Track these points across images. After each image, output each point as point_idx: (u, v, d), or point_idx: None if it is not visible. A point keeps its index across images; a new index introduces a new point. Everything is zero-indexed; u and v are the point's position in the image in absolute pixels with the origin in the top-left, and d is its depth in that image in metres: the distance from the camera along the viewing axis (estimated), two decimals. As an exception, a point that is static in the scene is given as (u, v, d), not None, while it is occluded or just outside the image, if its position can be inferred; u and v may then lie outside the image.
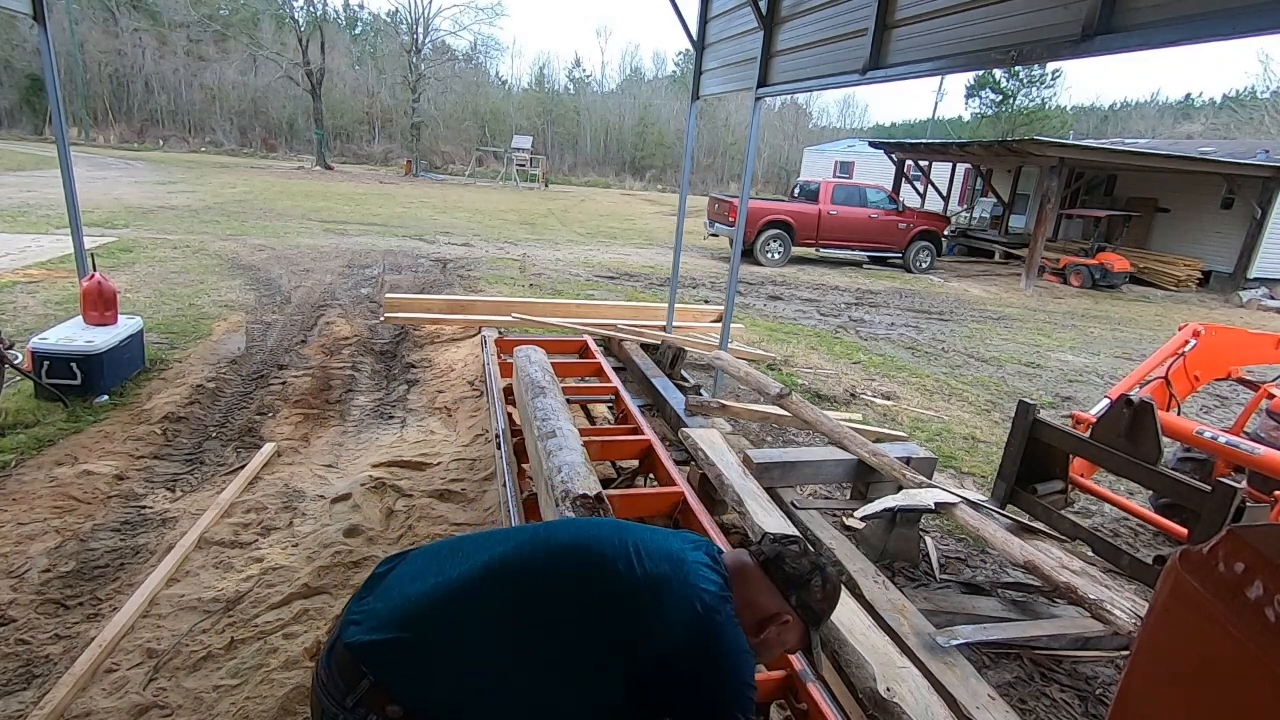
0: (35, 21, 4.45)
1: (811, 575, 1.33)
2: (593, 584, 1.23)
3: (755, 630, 1.30)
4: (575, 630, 1.18)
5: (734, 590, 1.30)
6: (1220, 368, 4.21)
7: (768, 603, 1.31)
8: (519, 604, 1.19)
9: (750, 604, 1.30)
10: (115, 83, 36.39)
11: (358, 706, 1.09)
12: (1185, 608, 0.62)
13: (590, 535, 1.34)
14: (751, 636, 1.29)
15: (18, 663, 2.35)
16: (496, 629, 1.16)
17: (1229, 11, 1.98)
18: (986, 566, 3.56)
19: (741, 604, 1.29)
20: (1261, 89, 41.12)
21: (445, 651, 1.13)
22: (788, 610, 1.31)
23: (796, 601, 1.31)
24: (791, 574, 1.32)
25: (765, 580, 1.33)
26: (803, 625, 1.32)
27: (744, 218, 5.42)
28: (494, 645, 1.15)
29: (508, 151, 33.10)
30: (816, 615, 1.34)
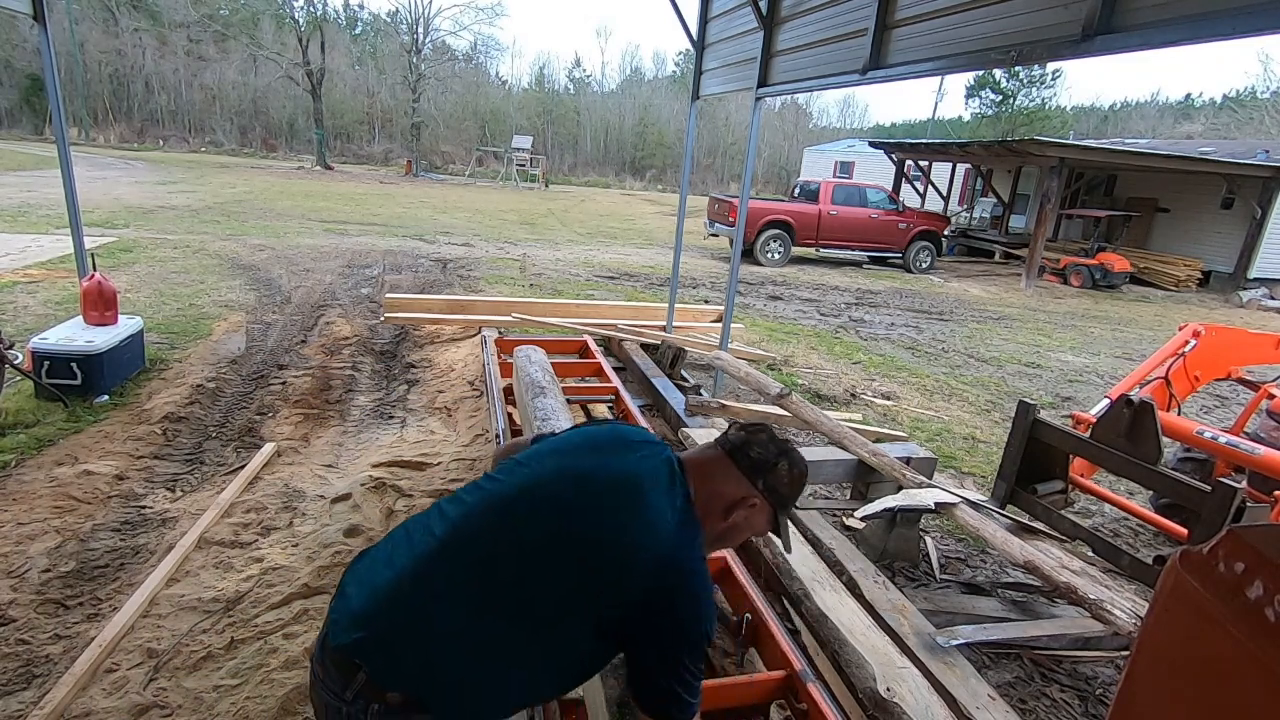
0: (35, 21, 4.45)
1: (778, 460, 1.33)
2: (548, 537, 1.21)
3: (723, 515, 1.31)
4: (536, 583, 1.18)
5: (698, 485, 1.31)
6: (1220, 368, 4.21)
7: (735, 489, 1.32)
8: (478, 568, 1.18)
9: (717, 493, 1.32)
10: (115, 83, 36.40)
11: (357, 699, 1.10)
12: (1185, 608, 0.62)
13: (540, 480, 1.30)
14: (719, 521, 1.31)
15: (18, 663, 2.35)
16: (460, 599, 1.15)
17: (1229, 11, 1.98)
18: (986, 566, 3.56)
19: (708, 495, 1.31)
20: (1261, 89, 41.18)
21: (418, 634, 1.14)
22: (755, 494, 1.32)
23: (764, 486, 1.32)
24: (758, 459, 1.32)
25: (732, 467, 1.33)
26: (770, 509, 1.34)
27: (744, 218, 5.42)
28: (460, 614, 1.15)
29: (508, 151, 33.11)
30: (784, 498, 1.34)
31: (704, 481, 1.32)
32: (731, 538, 1.37)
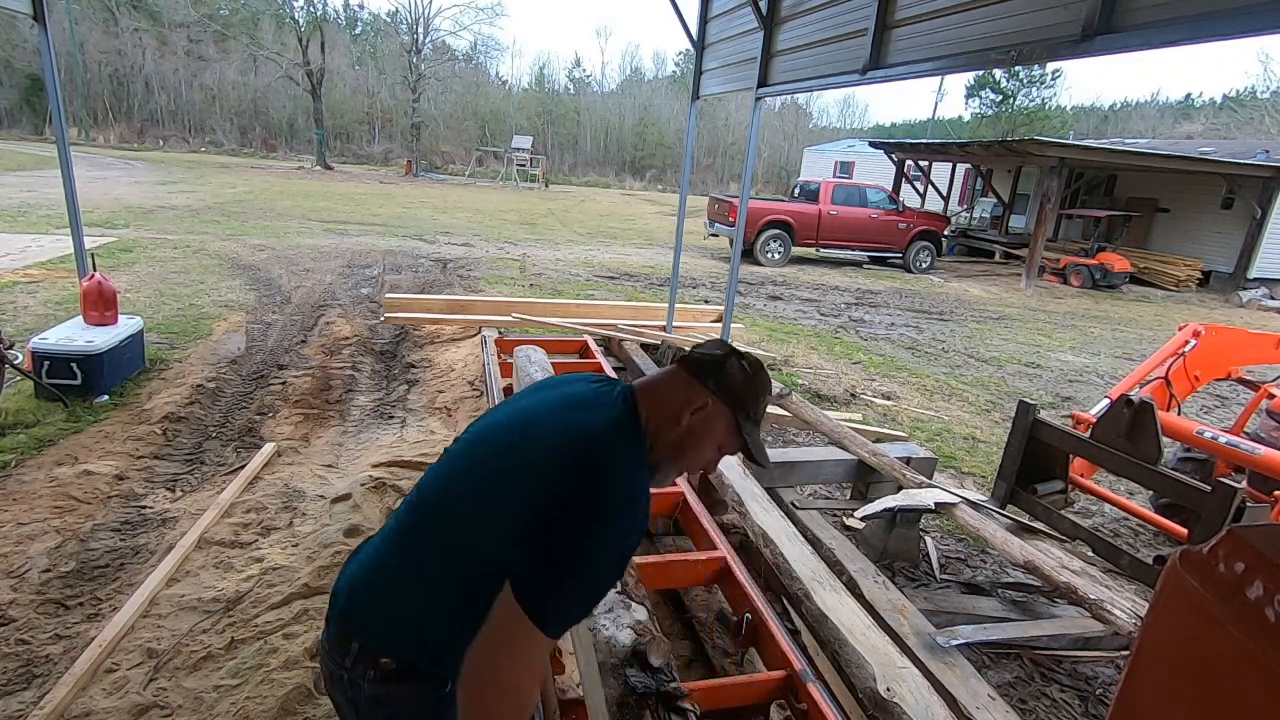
0: (35, 21, 4.45)
1: (727, 359, 1.23)
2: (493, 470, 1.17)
3: (674, 422, 1.20)
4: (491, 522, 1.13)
5: (648, 402, 1.21)
6: (1220, 368, 4.21)
7: (684, 394, 1.21)
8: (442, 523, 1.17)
9: (666, 401, 1.21)
10: (115, 83, 36.40)
11: (355, 666, 1.15)
12: (1185, 608, 0.62)
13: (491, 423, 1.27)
14: (672, 429, 1.20)
15: (18, 663, 2.35)
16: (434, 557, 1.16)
17: (1229, 11, 1.98)
18: (986, 566, 3.56)
19: (657, 407, 1.20)
20: (1261, 89, 41.20)
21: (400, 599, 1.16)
22: (705, 394, 1.20)
23: (714, 385, 1.21)
24: (705, 359, 1.24)
25: (681, 373, 1.24)
26: (726, 410, 1.21)
27: (744, 218, 5.42)
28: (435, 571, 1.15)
29: (508, 151, 33.11)
30: (738, 396, 1.21)
31: (654, 397, 1.22)
32: (691, 452, 1.22)
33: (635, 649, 1.58)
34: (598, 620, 1.69)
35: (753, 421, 1.24)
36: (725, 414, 1.21)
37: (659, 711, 1.45)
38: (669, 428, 1.20)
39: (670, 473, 1.26)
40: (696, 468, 1.27)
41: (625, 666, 1.54)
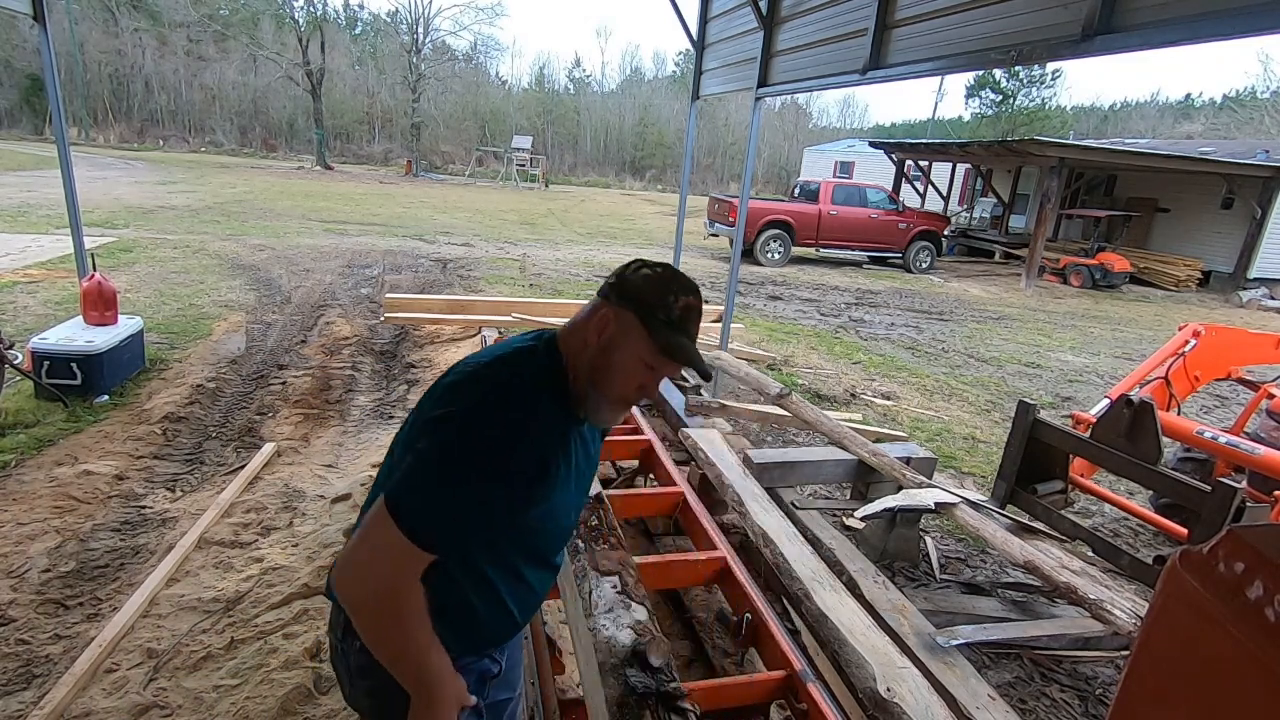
0: (35, 21, 4.45)
1: (628, 267, 1.16)
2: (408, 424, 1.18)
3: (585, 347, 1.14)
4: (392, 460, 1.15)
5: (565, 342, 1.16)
6: (1220, 368, 4.21)
7: (592, 317, 1.14)
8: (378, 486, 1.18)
9: (578, 333, 1.15)
10: (115, 83, 36.40)
11: (344, 636, 1.16)
12: (1185, 608, 0.62)
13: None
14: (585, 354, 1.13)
15: (18, 663, 2.35)
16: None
17: (1229, 11, 1.98)
18: (986, 566, 3.56)
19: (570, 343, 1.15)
20: (1261, 89, 41.21)
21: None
22: (607, 308, 1.12)
23: (615, 296, 1.12)
24: (611, 279, 1.16)
25: (593, 301, 1.18)
26: (631, 316, 1.11)
27: (744, 218, 5.42)
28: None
29: (508, 151, 33.11)
30: (640, 298, 1.11)
31: (570, 332, 1.17)
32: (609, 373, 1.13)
33: (635, 649, 1.58)
34: (598, 620, 1.69)
35: (667, 323, 1.11)
36: (631, 320, 1.11)
37: (659, 711, 1.45)
38: (582, 355, 1.14)
39: (599, 404, 1.15)
40: (626, 390, 1.14)
41: (625, 666, 1.54)
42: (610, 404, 1.16)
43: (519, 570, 1.19)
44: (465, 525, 1.04)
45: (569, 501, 1.21)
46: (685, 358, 1.13)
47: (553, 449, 1.10)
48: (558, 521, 1.20)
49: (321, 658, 2.43)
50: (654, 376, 1.15)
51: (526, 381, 1.10)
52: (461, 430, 1.03)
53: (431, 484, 1.02)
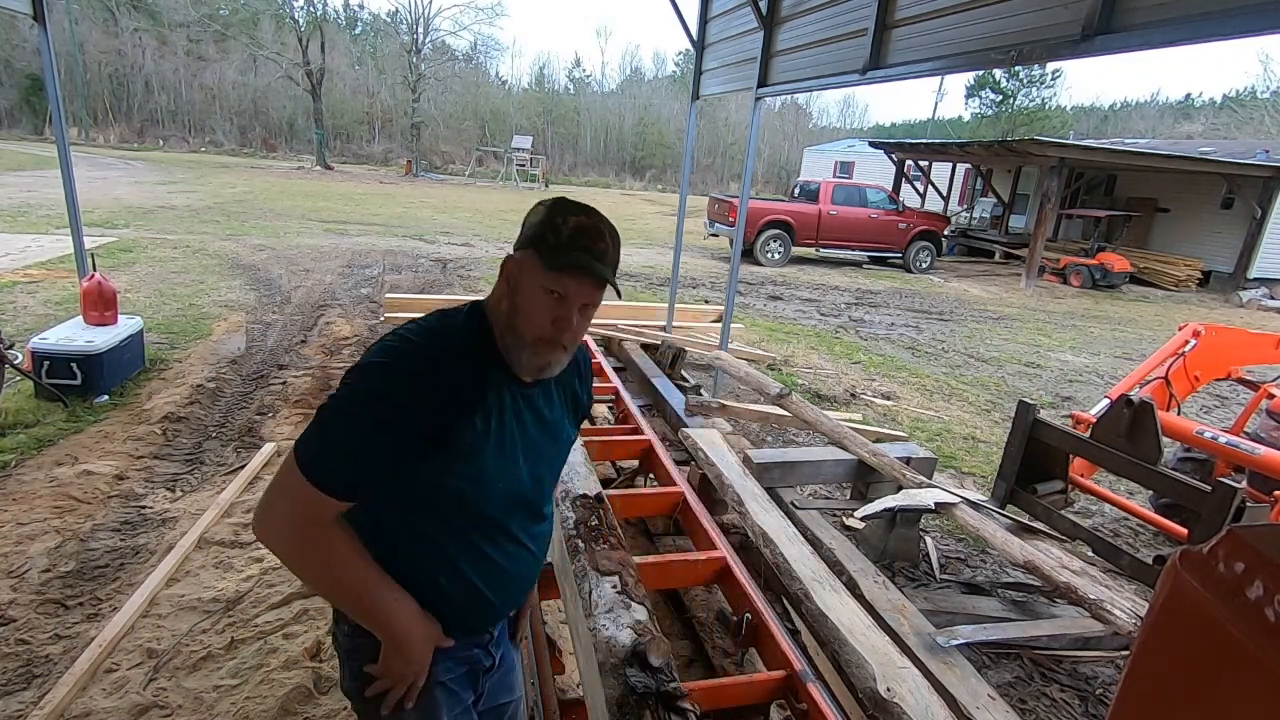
0: (35, 21, 4.45)
1: (534, 210, 1.16)
2: None
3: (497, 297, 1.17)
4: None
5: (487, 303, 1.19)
6: (1220, 368, 4.21)
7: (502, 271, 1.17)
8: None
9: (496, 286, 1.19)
10: (115, 83, 36.40)
11: (337, 622, 1.24)
12: (1185, 608, 0.62)
13: None
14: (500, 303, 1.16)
15: (18, 663, 2.35)
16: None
17: (1229, 11, 1.98)
18: (986, 566, 3.56)
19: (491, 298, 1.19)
20: (1261, 89, 41.23)
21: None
22: (511, 256, 1.15)
23: (516, 242, 1.16)
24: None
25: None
26: (530, 253, 1.12)
27: (744, 218, 5.42)
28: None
29: (508, 151, 33.11)
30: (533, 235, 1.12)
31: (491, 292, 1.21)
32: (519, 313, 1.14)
33: (635, 649, 1.58)
34: (598, 620, 1.69)
35: (557, 245, 1.10)
36: (528, 255, 1.12)
37: (659, 711, 1.45)
38: (495, 305, 1.17)
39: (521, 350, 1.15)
40: (540, 326, 1.13)
41: (625, 666, 1.54)
42: (530, 346, 1.14)
43: (477, 544, 1.18)
44: (359, 469, 1.05)
45: (511, 468, 1.17)
46: (586, 271, 1.11)
47: (461, 405, 1.09)
48: (495, 485, 1.16)
49: (321, 658, 2.43)
50: (564, 305, 1.12)
51: (433, 341, 1.11)
52: (355, 382, 1.07)
53: (326, 429, 1.05)
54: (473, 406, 1.11)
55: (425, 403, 1.06)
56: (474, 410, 1.11)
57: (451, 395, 1.09)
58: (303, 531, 1.07)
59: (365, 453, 1.05)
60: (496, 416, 1.14)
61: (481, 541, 1.19)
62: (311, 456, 1.04)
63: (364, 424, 1.05)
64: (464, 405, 1.10)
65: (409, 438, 1.06)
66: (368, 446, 1.05)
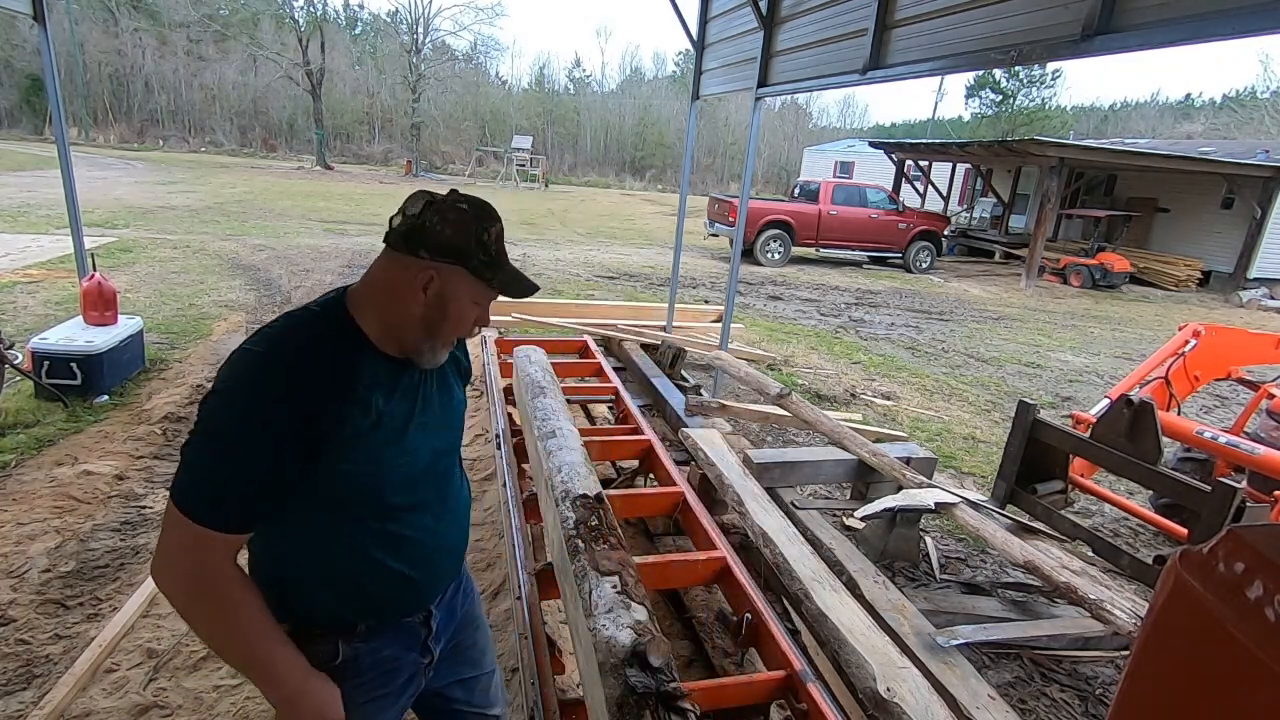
0: (35, 21, 4.45)
1: (424, 214, 1.10)
2: None
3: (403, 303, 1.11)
4: None
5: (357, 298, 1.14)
6: (1220, 368, 4.21)
7: (403, 274, 1.10)
8: None
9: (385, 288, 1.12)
10: (115, 83, 36.40)
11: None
12: (1185, 608, 0.62)
13: None
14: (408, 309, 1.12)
15: (18, 663, 2.35)
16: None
17: (1229, 11, 1.98)
18: (986, 566, 3.56)
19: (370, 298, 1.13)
20: (1261, 89, 41.22)
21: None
22: (426, 267, 1.09)
23: (427, 251, 1.09)
24: (405, 229, 1.10)
25: (393, 256, 1.12)
26: (457, 268, 1.10)
27: (744, 218, 5.42)
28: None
29: (508, 151, 33.10)
30: (457, 248, 1.09)
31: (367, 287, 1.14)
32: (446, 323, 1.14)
33: (635, 649, 1.58)
34: (597, 620, 1.69)
35: (488, 262, 1.12)
36: (458, 272, 1.11)
37: (659, 711, 1.45)
38: (406, 313, 1.11)
39: (435, 348, 1.16)
40: (464, 330, 1.17)
41: (625, 666, 1.54)
42: (446, 345, 1.18)
43: (387, 530, 1.16)
44: (243, 495, 1.01)
45: (406, 449, 1.15)
46: (518, 288, 1.16)
47: (333, 396, 1.05)
48: (394, 470, 1.13)
49: (321, 658, 2.43)
50: (485, 309, 1.18)
51: (286, 343, 1.06)
52: (214, 408, 1.02)
53: (200, 463, 1.01)
54: (345, 396, 1.06)
55: (294, 402, 1.01)
56: (347, 399, 1.06)
57: (320, 388, 1.04)
58: (197, 576, 1.02)
59: (245, 477, 1.01)
60: (377, 404, 1.10)
61: (391, 525, 1.16)
62: (193, 498, 1.00)
63: (232, 449, 1.00)
64: (336, 395, 1.05)
65: (286, 445, 1.01)
66: (245, 469, 1.00)
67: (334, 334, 1.10)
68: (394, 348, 1.14)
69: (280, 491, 1.04)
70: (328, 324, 1.11)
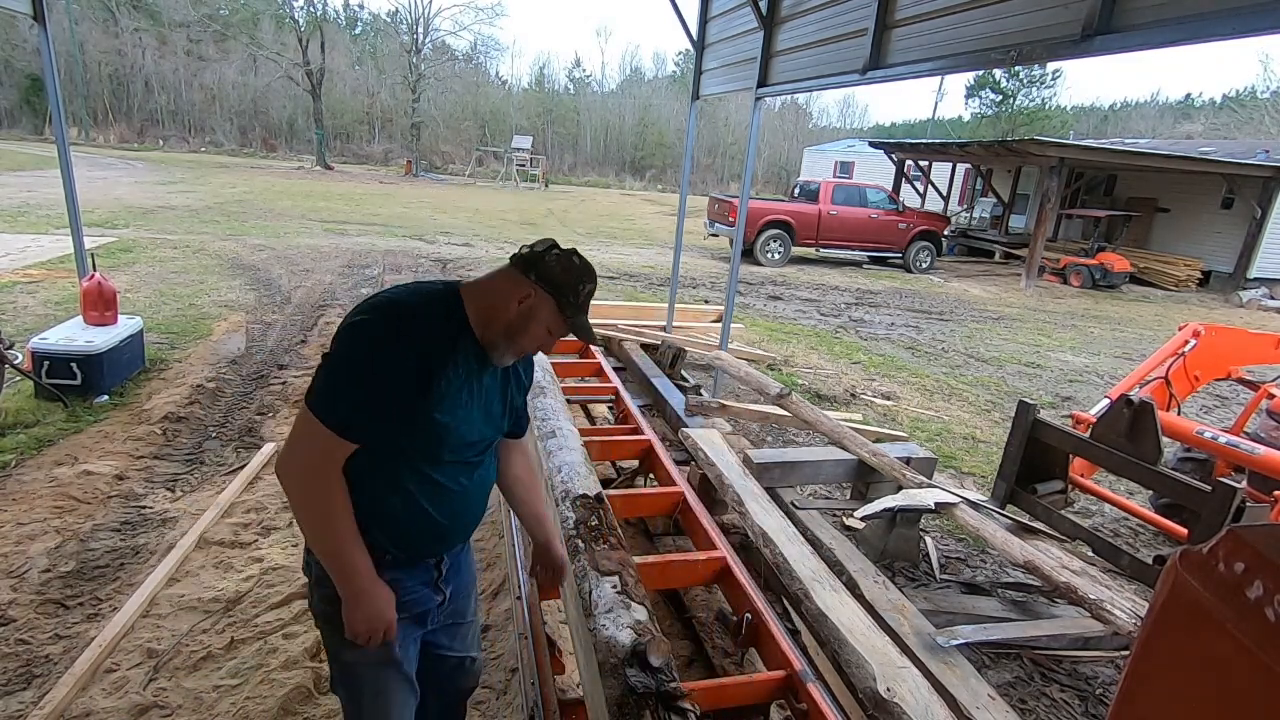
0: (35, 21, 4.45)
1: (546, 253, 1.38)
2: None
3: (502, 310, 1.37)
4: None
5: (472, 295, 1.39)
6: (1220, 368, 4.21)
7: (510, 287, 1.38)
8: None
9: (494, 293, 1.38)
10: (115, 83, 36.39)
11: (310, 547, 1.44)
12: (1185, 608, 0.62)
13: None
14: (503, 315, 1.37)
15: (18, 663, 2.35)
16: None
17: (1229, 11, 1.98)
18: (986, 566, 3.56)
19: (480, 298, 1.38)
20: (1261, 89, 41.21)
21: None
22: (529, 286, 1.36)
23: (536, 276, 1.36)
24: (528, 256, 1.38)
25: (510, 271, 1.40)
26: (550, 299, 1.36)
27: (744, 218, 5.42)
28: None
29: (508, 151, 33.09)
30: (558, 285, 1.36)
31: (479, 289, 1.40)
32: (523, 335, 1.38)
33: (635, 649, 1.58)
34: (598, 620, 1.69)
35: (574, 306, 1.39)
36: (549, 302, 1.37)
37: (659, 711, 1.45)
38: (500, 314, 1.37)
39: (506, 351, 1.40)
40: (532, 348, 1.43)
41: (625, 666, 1.54)
42: (516, 353, 1.42)
43: (429, 474, 1.38)
44: (367, 408, 1.26)
45: (469, 416, 1.39)
46: (586, 334, 1.44)
47: (438, 358, 1.31)
48: (460, 427, 1.38)
49: (321, 658, 2.43)
50: (554, 340, 1.44)
51: (419, 304, 1.33)
52: (354, 333, 1.28)
53: (334, 376, 1.26)
54: (447, 359, 1.32)
55: (412, 349, 1.27)
56: (448, 362, 1.32)
57: (440, 352, 1.31)
58: (315, 470, 1.28)
59: (370, 397, 1.26)
60: (464, 373, 1.36)
61: (438, 474, 1.39)
62: (324, 402, 1.25)
63: (365, 372, 1.25)
64: (441, 357, 1.31)
65: (401, 378, 1.26)
66: (372, 391, 1.25)
67: (448, 307, 1.37)
68: (483, 341, 1.39)
69: (392, 415, 1.28)
70: (445, 298, 1.37)
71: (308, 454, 1.28)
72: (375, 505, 1.36)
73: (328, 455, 1.27)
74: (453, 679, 1.72)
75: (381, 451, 1.33)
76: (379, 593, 1.35)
